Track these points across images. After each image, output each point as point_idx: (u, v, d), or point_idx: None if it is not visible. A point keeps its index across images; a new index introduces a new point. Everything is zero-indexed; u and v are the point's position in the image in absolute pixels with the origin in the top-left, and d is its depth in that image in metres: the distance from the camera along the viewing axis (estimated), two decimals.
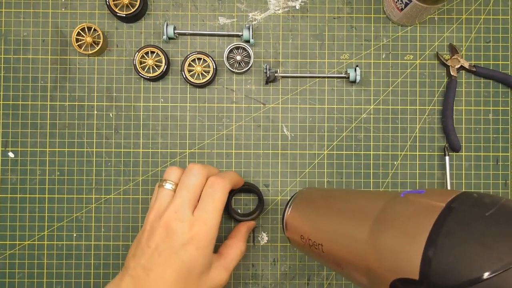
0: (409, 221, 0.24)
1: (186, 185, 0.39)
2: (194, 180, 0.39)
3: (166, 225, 0.37)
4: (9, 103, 0.49)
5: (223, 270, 0.40)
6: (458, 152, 0.50)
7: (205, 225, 0.37)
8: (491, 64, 0.50)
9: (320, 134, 0.50)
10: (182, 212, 0.37)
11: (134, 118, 0.50)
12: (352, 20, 0.50)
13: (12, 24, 0.49)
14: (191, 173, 0.39)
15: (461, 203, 0.22)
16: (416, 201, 0.25)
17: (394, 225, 0.25)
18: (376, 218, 0.27)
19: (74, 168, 0.49)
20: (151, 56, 0.49)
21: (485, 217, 0.21)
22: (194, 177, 0.39)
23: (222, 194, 0.39)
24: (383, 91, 0.50)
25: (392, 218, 0.25)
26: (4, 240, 0.49)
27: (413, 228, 0.23)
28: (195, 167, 0.40)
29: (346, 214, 0.31)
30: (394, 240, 0.24)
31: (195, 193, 0.38)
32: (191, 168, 0.40)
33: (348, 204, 0.32)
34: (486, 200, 0.22)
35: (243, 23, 0.50)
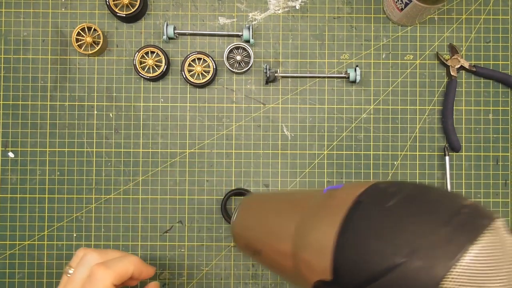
0: (326, 217, 0.24)
1: (73, 278, 0.35)
2: (81, 272, 0.35)
3: None
4: (9, 103, 0.49)
5: None
6: (458, 152, 0.50)
7: None
8: (491, 64, 0.50)
9: (320, 134, 0.50)
10: None
11: (134, 118, 0.50)
12: (352, 20, 0.50)
13: (12, 24, 0.49)
14: (82, 263, 0.36)
15: (368, 196, 0.22)
16: (334, 196, 0.25)
17: (311, 224, 0.25)
18: (301, 217, 0.27)
19: (74, 168, 0.49)
20: (151, 56, 0.49)
21: (385, 208, 0.21)
22: (82, 268, 0.35)
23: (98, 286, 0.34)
24: (383, 91, 0.50)
25: (314, 217, 0.26)
26: (4, 240, 0.49)
27: (325, 227, 0.23)
28: (87, 256, 0.36)
29: (276, 217, 0.31)
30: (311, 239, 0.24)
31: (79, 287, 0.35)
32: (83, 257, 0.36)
33: (277, 207, 0.32)
34: (391, 189, 0.22)
35: (243, 23, 0.50)
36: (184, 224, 0.49)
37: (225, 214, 0.47)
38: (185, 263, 0.49)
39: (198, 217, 0.49)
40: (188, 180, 0.49)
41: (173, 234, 0.49)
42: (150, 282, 0.40)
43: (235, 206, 0.50)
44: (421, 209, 0.20)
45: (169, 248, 0.49)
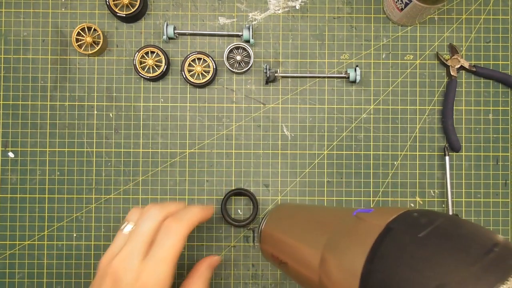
0: (354, 241, 0.24)
1: (138, 231, 0.36)
2: (148, 225, 0.36)
3: (113, 274, 0.34)
4: (9, 103, 0.49)
5: None
6: (458, 152, 0.50)
7: (153, 276, 0.34)
8: (491, 64, 0.50)
9: (320, 134, 0.50)
10: (130, 260, 0.34)
11: (134, 118, 0.50)
12: (352, 20, 0.50)
13: (12, 24, 0.49)
14: (146, 216, 0.37)
15: (399, 223, 0.23)
16: (363, 221, 0.25)
17: (343, 245, 0.25)
18: (330, 236, 0.27)
19: (74, 168, 0.49)
20: (151, 56, 0.49)
21: (418, 239, 0.21)
22: (148, 221, 0.36)
23: (176, 241, 0.35)
24: (383, 91, 0.50)
25: (342, 238, 0.26)
26: (4, 240, 0.49)
27: (355, 251, 0.23)
28: (152, 210, 0.37)
29: (304, 232, 0.31)
30: (340, 261, 0.24)
31: (147, 239, 0.36)
32: (147, 210, 0.37)
33: (308, 222, 0.33)
34: (423, 220, 0.22)
35: (243, 23, 0.50)
36: None
37: (225, 214, 0.48)
38: (185, 263, 0.49)
39: None
40: (188, 180, 0.49)
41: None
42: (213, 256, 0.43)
43: (235, 206, 0.50)
44: (452, 243, 0.20)
45: None
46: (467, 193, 0.50)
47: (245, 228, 0.49)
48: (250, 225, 0.49)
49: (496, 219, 0.49)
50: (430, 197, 0.50)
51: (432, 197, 0.50)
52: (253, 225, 0.49)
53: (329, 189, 0.49)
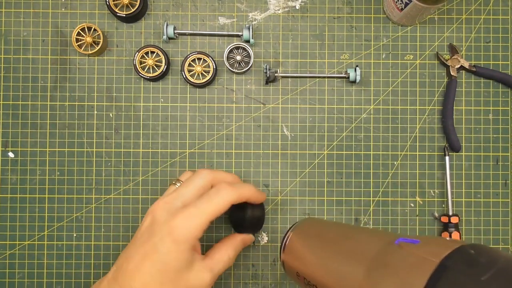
0: (401, 277, 0.22)
1: (188, 183, 0.39)
2: (197, 181, 0.39)
3: (153, 213, 0.37)
4: (9, 103, 0.49)
5: (207, 272, 0.37)
6: (458, 152, 0.50)
7: (187, 220, 0.35)
8: (491, 64, 0.50)
9: (320, 134, 0.50)
10: (172, 204, 0.37)
11: (134, 118, 0.50)
12: (352, 20, 0.50)
13: (12, 24, 0.49)
14: (198, 175, 0.40)
15: (456, 261, 0.21)
16: (410, 253, 0.23)
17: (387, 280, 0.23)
18: (369, 266, 0.25)
19: (74, 168, 0.49)
20: (151, 56, 0.49)
21: (480, 282, 0.19)
22: (198, 178, 0.39)
23: (222, 200, 0.37)
24: (383, 91, 0.50)
25: (385, 271, 0.24)
26: (4, 240, 0.49)
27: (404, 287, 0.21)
28: (204, 171, 0.40)
29: (339, 257, 0.29)
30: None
31: (194, 192, 0.38)
32: (199, 171, 0.40)
33: (342, 245, 0.30)
34: (483, 260, 0.20)
35: (243, 23, 0.50)
36: None
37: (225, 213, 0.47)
38: None
39: None
40: None
41: None
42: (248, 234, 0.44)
43: None
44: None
45: None
46: (467, 193, 0.50)
47: None
48: None
49: (496, 219, 0.49)
50: (430, 197, 0.50)
51: (432, 197, 0.50)
52: None
53: (329, 189, 0.49)
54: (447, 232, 0.47)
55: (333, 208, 0.49)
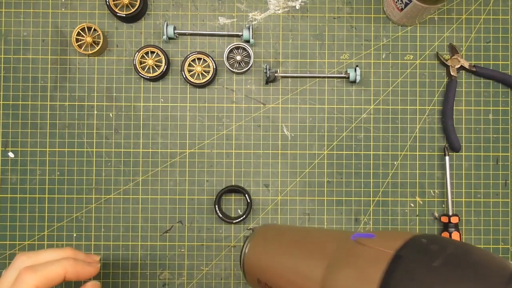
0: (359, 270, 0.23)
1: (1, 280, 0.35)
2: (9, 275, 0.35)
3: None
4: (9, 103, 0.49)
5: None
6: (458, 152, 0.50)
7: None
8: (491, 64, 0.50)
9: (320, 134, 0.50)
10: None
11: (134, 118, 0.50)
12: (352, 20, 0.50)
13: (12, 24, 0.49)
14: (11, 266, 0.35)
15: (410, 251, 0.22)
16: (367, 247, 0.24)
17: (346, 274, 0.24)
18: (328, 264, 0.26)
19: (74, 168, 0.49)
20: (151, 56, 0.49)
21: (432, 268, 0.20)
22: (11, 271, 0.35)
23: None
24: (383, 91, 0.50)
25: (344, 266, 0.24)
26: (4, 240, 0.49)
27: (363, 279, 0.22)
28: (17, 259, 0.36)
29: (299, 259, 0.29)
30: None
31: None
32: (14, 260, 0.36)
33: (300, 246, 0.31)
34: (434, 247, 0.21)
35: (243, 23, 0.50)
36: (184, 224, 0.49)
37: (218, 211, 0.47)
38: (185, 263, 0.49)
39: (198, 217, 0.49)
40: (188, 180, 0.49)
41: (173, 234, 0.49)
42: (88, 282, 0.38)
43: (235, 206, 0.50)
44: (470, 272, 0.19)
45: (169, 248, 0.49)
46: (467, 193, 0.50)
47: (236, 224, 0.49)
48: (250, 225, 0.49)
49: (496, 219, 0.49)
50: (430, 197, 0.50)
51: (432, 197, 0.50)
52: (253, 225, 0.49)
53: (329, 189, 0.49)
54: (447, 232, 0.47)
55: (333, 208, 0.49)
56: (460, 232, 0.47)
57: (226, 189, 0.48)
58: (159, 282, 0.49)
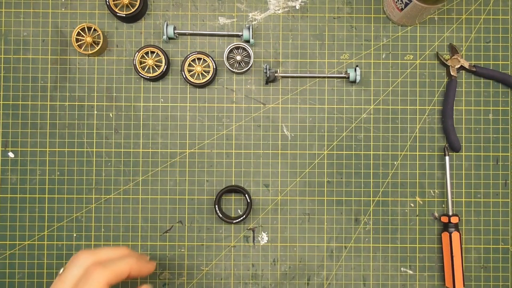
0: None
1: (62, 279, 0.35)
2: (72, 273, 0.35)
3: None
4: (9, 103, 0.49)
5: None
6: (458, 152, 0.50)
7: None
8: (491, 64, 0.50)
9: (320, 134, 0.50)
10: None
11: (134, 118, 0.50)
12: (352, 20, 0.50)
13: (12, 24, 0.49)
14: (73, 263, 0.36)
15: None
16: None
17: None
18: None
19: (74, 168, 0.49)
20: (151, 56, 0.49)
21: None
22: (74, 268, 0.35)
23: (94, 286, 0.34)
24: (383, 91, 0.50)
25: None
26: (4, 240, 0.49)
27: None
28: (80, 256, 0.36)
29: None
30: None
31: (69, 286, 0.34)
32: (75, 257, 0.36)
33: None
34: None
35: (243, 23, 0.50)
36: (184, 224, 0.49)
37: (218, 211, 0.47)
38: (185, 263, 0.49)
39: (198, 217, 0.49)
40: (188, 180, 0.49)
41: (173, 234, 0.49)
42: (142, 285, 0.39)
43: (235, 206, 0.50)
44: None
45: (169, 248, 0.49)
46: (467, 193, 0.50)
47: (236, 224, 0.49)
48: (250, 225, 0.49)
49: (496, 219, 0.49)
50: (430, 197, 0.50)
51: (432, 197, 0.50)
52: (253, 225, 0.49)
53: (329, 189, 0.49)
54: (447, 232, 0.47)
55: (333, 208, 0.49)
56: (460, 232, 0.47)
57: (226, 189, 0.48)
58: (159, 282, 0.49)
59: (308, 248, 0.49)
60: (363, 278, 0.49)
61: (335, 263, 0.49)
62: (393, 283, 0.49)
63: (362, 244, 0.49)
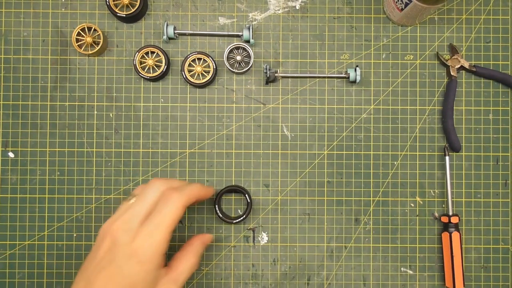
0: None
1: (141, 198, 0.38)
2: (150, 194, 0.38)
3: (111, 236, 0.36)
4: (9, 103, 0.49)
5: (172, 285, 0.37)
6: (458, 152, 0.50)
7: (149, 239, 0.35)
8: (491, 64, 0.50)
9: (320, 134, 0.50)
10: (130, 223, 0.36)
11: (134, 118, 0.50)
12: (352, 20, 0.50)
13: (12, 24, 0.49)
14: (150, 187, 0.39)
15: None
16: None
17: None
18: None
19: (74, 168, 0.49)
20: (151, 56, 0.49)
21: None
22: (151, 191, 0.38)
23: (173, 208, 0.37)
24: (383, 91, 0.50)
25: None
26: (4, 240, 0.49)
27: None
28: (156, 181, 0.39)
29: None
30: None
31: (148, 207, 0.37)
32: (151, 182, 0.39)
33: None
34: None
35: (243, 23, 0.50)
36: (184, 224, 0.49)
37: (218, 211, 0.47)
38: None
39: (198, 217, 0.49)
40: (188, 180, 0.49)
41: (173, 234, 0.49)
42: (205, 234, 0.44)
43: (235, 206, 0.50)
44: None
45: (169, 248, 0.49)
46: (467, 193, 0.50)
47: (236, 224, 0.49)
48: (250, 225, 0.49)
49: (496, 219, 0.49)
50: (430, 197, 0.50)
51: (432, 197, 0.50)
52: (253, 225, 0.49)
53: (329, 189, 0.49)
54: (447, 232, 0.47)
55: (333, 208, 0.49)
56: (460, 232, 0.47)
57: (226, 189, 0.48)
58: None
59: (308, 248, 0.49)
60: (363, 278, 0.49)
61: (335, 263, 0.49)
62: (393, 283, 0.49)
63: (362, 244, 0.49)
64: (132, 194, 0.40)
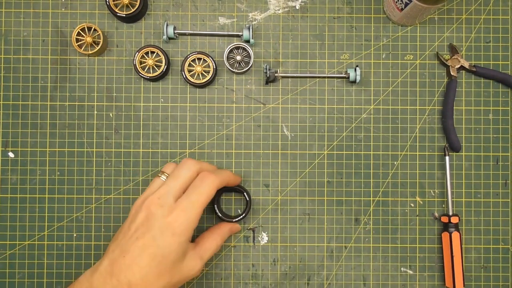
0: None
1: (175, 175, 0.40)
2: (184, 172, 0.40)
3: (147, 209, 0.38)
4: (9, 103, 0.49)
5: (197, 260, 0.40)
6: (458, 152, 0.50)
7: (183, 213, 0.38)
8: (491, 64, 0.50)
9: (320, 134, 0.50)
10: (165, 198, 0.38)
11: (134, 118, 0.50)
12: (352, 20, 0.50)
13: (12, 24, 0.49)
14: (183, 166, 0.41)
15: None
16: None
17: None
18: None
19: (74, 168, 0.49)
20: (151, 56, 0.49)
21: None
22: (185, 169, 0.41)
23: (208, 188, 0.40)
24: (383, 91, 0.50)
25: None
26: (4, 240, 0.49)
27: None
28: (188, 161, 0.42)
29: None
30: None
31: (182, 184, 0.40)
32: (184, 161, 0.42)
33: None
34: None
35: (243, 23, 0.50)
36: None
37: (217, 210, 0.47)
38: None
39: None
40: None
41: None
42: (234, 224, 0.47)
43: (235, 206, 0.50)
44: None
45: None
46: (467, 193, 0.50)
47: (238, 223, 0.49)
48: (250, 225, 0.49)
49: (496, 219, 0.49)
50: (430, 197, 0.50)
51: (432, 197, 0.50)
52: (253, 225, 0.49)
53: (329, 189, 0.49)
54: (447, 232, 0.47)
55: (333, 208, 0.49)
56: (460, 232, 0.47)
57: (225, 188, 0.48)
58: None
59: (308, 248, 0.49)
60: (363, 278, 0.49)
61: (335, 263, 0.49)
62: (393, 283, 0.49)
63: (362, 244, 0.49)
64: (162, 171, 0.42)
